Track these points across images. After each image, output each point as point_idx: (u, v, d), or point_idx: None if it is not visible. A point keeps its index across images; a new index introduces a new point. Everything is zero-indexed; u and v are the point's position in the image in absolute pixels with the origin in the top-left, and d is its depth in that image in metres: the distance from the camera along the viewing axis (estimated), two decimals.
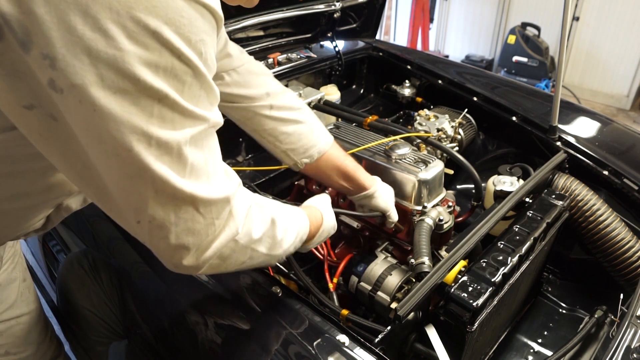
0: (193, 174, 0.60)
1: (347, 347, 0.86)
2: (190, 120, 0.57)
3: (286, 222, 0.83)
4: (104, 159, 0.56)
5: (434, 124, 1.67)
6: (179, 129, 0.56)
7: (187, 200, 0.60)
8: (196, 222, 0.62)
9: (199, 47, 0.55)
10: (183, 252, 0.64)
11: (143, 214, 0.60)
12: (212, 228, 0.65)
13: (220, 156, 0.67)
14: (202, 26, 0.56)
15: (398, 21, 6.01)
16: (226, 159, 1.71)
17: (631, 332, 0.95)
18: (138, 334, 1.19)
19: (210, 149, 0.63)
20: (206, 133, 0.61)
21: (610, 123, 1.68)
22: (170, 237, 0.62)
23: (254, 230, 0.73)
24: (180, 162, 0.58)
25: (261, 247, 0.76)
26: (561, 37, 1.39)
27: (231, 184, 0.68)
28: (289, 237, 0.84)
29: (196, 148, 0.59)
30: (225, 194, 0.65)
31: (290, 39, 2.00)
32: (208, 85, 0.59)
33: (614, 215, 1.34)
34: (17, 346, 1.05)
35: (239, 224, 0.69)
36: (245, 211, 0.71)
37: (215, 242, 0.66)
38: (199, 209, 0.62)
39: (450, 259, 1.03)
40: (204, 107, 0.59)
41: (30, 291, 1.09)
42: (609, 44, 4.62)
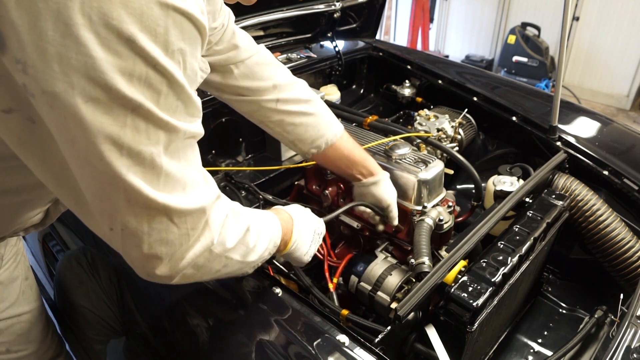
0: (168, 184, 0.59)
1: (347, 347, 0.86)
2: (165, 131, 0.56)
3: (258, 228, 0.82)
4: (78, 164, 0.56)
5: (434, 124, 1.67)
6: (153, 140, 0.55)
7: (160, 211, 0.59)
8: (170, 232, 0.62)
9: (176, 57, 0.54)
10: (156, 261, 0.63)
11: (116, 222, 0.59)
12: (187, 238, 0.64)
13: (200, 165, 0.66)
14: (181, 35, 0.54)
15: (398, 21, 6.02)
16: (226, 159, 1.72)
17: (631, 332, 0.94)
18: (137, 332, 1.19)
19: (188, 160, 0.62)
20: (184, 144, 0.60)
21: (610, 123, 1.68)
22: (143, 246, 0.61)
23: (229, 239, 0.72)
24: (153, 172, 0.57)
25: (235, 255, 0.75)
26: (561, 37, 1.39)
27: (209, 193, 0.67)
28: (262, 243, 0.83)
29: (172, 159, 0.58)
30: (201, 205, 0.64)
31: (290, 39, 2.00)
32: (186, 96, 0.57)
33: (614, 215, 1.34)
34: (18, 344, 1.05)
35: (215, 234, 0.68)
36: (222, 221, 0.70)
37: (190, 252, 0.65)
38: (173, 220, 0.61)
39: (450, 259, 1.03)
40: (181, 118, 0.58)
41: (32, 290, 1.09)
42: (609, 44, 4.63)
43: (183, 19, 0.53)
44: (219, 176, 1.57)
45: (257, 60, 1.10)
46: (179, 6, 0.53)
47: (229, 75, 1.07)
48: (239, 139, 1.75)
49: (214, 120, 1.61)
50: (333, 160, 1.20)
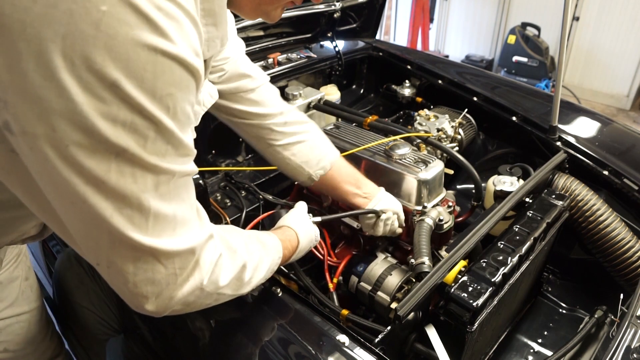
0: (157, 226, 0.57)
1: (347, 347, 0.86)
2: (153, 174, 0.55)
3: (256, 262, 0.81)
4: (60, 204, 0.55)
5: (434, 124, 1.67)
6: (140, 183, 0.54)
7: (147, 252, 0.58)
8: (157, 272, 0.60)
9: (165, 102, 0.52)
10: (142, 299, 0.62)
11: (101, 259, 0.58)
12: (174, 278, 0.62)
13: (193, 202, 0.65)
14: (171, 80, 0.52)
15: (398, 21, 6.02)
16: (226, 159, 1.72)
17: (631, 332, 0.94)
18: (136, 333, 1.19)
19: (181, 199, 0.60)
20: (176, 184, 0.59)
21: (610, 123, 1.68)
22: (128, 285, 0.60)
23: (222, 278, 0.71)
24: (141, 215, 0.55)
25: (228, 290, 0.74)
26: (561, 37, 1.39)
27: (200, 233, 0.65)
28: (259, 274, 0.82)
29: (162, 200, 0.57)
30: (191, 245, 0.62)
31: (290, 39, 2.00)
32: (177, 140, 0.56)
33: (614, 215, 1.34)
34: (17, 344, 1.05)
35: (205, 275, 0.66)
36: (215, 260, 0.69)
37: (178, 291, 0.64)
38: (161, 260, 0.60)
39: (450, 259, 1.03)
40: (172, 160, 0.56)
41: (32, 290, 1.09)
42: (609, 43, 4.63)
43: (173, 64, 0.52)
44: (219, 176, 1.57)
45: (267, 88, 1.13)
46: (169, 51, 0.51)
47: (239, 102, 1.09)
48: (239, 139, 1.74)
49: (214, 121, 1.61)
50: (339, 181, 1.20)
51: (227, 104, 1.09)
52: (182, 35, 0.52)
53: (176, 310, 0.67)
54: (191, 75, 0.55)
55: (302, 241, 1.02)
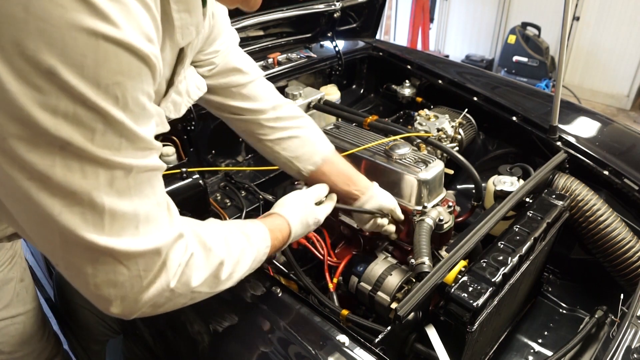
0: (115, 225, 0.53)
1: (347, 347, 0.86)
2: (105, 169, 0.51)
3: (237, 256, 0.77)
4: (7, 200, 0.52)
5: (434, 124, 1.67)
6: (90, 179, 0.50)
7: (104, 253, 0.54)
8: (118, 274, 0.56)
9: (112, 92, 0.48)
10: (105, 302, 0.58)
11: (58, 259, 0.55)
12: (139, 280, 0.58)
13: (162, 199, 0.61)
14: (117, 67, 0.48)
15: (398, 21, 6.01)
16: (226, 159, 1.72)
17: (631, 333, 0.94)
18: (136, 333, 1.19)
19: (143, 196, 0.56)
20: (138, 180, 0.55)
21: (610, 123, 1.68)
22: (89, 287, 0.56)
23: (194, 278, 0.67)
24: (94, 212, 0.51)
25: (203, 289, 0.71)
26: (561, 37, 1.39)
27: (169, 232, 0.61)
28: (241, 269, 0.79)
29: (120, 197, 0.53)
30: (156, 246, 0.58)
31: (290, 39, 2.00)
32: (131, 133, 0.52)
33: (614, 215, 1.34)
34: (12, 345, 1.04)
35: (172, 277, 0.63)
36: (185, 261, 0.65)
37: (144, 294, 0.60)
38: (122, 262, 0.56)
39: (450, 259, 1.03)
40: (128, 154, 0.52)
41: (28, 291, 1.08)
42: (609, 43, 4.62)
43: (119, 50, 0.47)
44: (219, 176, 1.57)
45: (259, 83, 1.10)
46: (112, 35, 0.46)
47: (230, 97, 1.06)
48: (239, 139, 1.74)
49: (214, 120, 1.61)
50: (329, 177, 1.17)
51: (217, 98, 1.06)
52: (127, 19, 0.48)
53: (146, 312, 0.63)
54: (142, 63, 0.50)
55: (295, 228, 0.97)
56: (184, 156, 1.52)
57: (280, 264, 1.27)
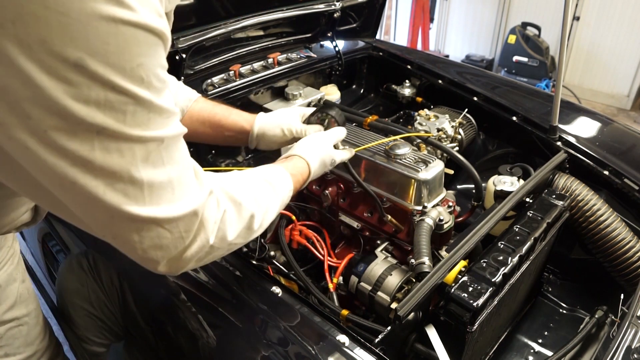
0: (154, 195, 0.57)
1: (347, 347, 0.86)
2: (140, 144, 0.54)
3: (265, 207, 0.82)
4: (53, 188, 0.54)
5: (434, 124, 1.67)
6: (127, 157, 0.53)
7: (148, 221, 0.58)
8: (163, 237, 0.61)
9: (137, 74, 0.50)
10: (154, 263, 0.63)
11: (105, 233, 0.60)
12: (182, 241, 0.63)
13: (188, 160, 0.64)
14: (137, 49, 0.50)
15: (398, 21, 6.01)
16: (226, 158, 1.72)
17: (632, 333, 0.94)
18: (138, 335, 1.19)
19: (175, 161, 0.60)
20: (167, 149, 0.58)
21: (610, 123, 1.68)
22: (137, 252, 0.61)
23: (229, 232, 0.72)
24: (134, 187, 0.55)
25: (239, 240, 0.76)
26: (561, 37, 1.39)
27: (200, 193, 0.65)
28: (269, 217, 0.84)
29: (155, 167, 0.56)
30: (193, 208, 0.63)
31: (290, 39, 2.00)
32: (157, 107, 0.54)
33: (615, 215, 1.34)
34: (16, 347, 1.04)
35: (211, 234, 0.67)
36: (219, 217, 0.69)
37: (187, 252, 0.65)
38: (164, 226, 0.60)
39: (450, 259, 1.03)
40: (157, 126, 0.55)
41: (29, 292, 1.08)
42: (609, 43, 4.62)
43: (137, 31, 0.49)
44: None
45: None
46: (130, 19, 0.48)
47: None
48: None
49: None
50: (196, 129, 1.14)
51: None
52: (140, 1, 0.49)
53: (191, 266, 0.69)
54: (158, 39, 0.52)
55: (314, 169, 1.03)
56: None
57: (280, 264, 1.27)
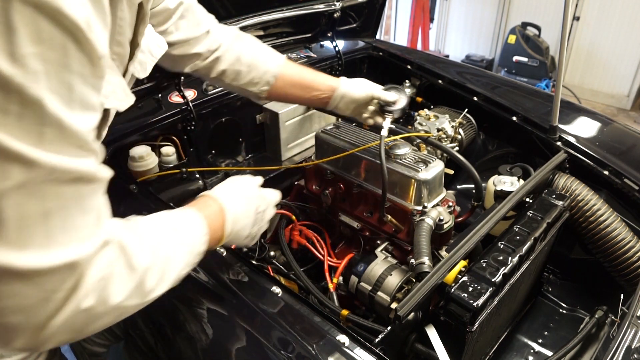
0: (22, 234, 0.44)
1: (347, 347, 0.86)
2: (19, 165, 0.41)
3: (164, 259, 0.66)
4: None
5: (434, 124, 1.67)
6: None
7: (6, 269, 0.44)
8: (24, 297, 0.46)
9: (29, 65, 0.40)
10: (8, 333, 0.48)
11: None
12: (50, 304, 0.48)
13: (92, 206, 0.51)
14: (35, 36, 0.40)
15: (398, 21, 6.01)
16: (226, 159, 1.72)
17: (632, 333, 0.94)
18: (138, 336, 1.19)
19: (63, 202, 0.46)
20: (59, 188, 0.45)
21: (610, 123, 1.68)
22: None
23: (115, 293, 0.56)
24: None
25: (131, 302, 0.60)
26: (561, 37, 1.39)
27: (90, 242, 0.51)
28: (172, 272, 0.68)
29: (29, 199, 0.43)
30: (71, 259, 0.48)
31: (290, 38, 2.00)
32: (55, 120, 0.42)
33: (615, 215, 1.34)
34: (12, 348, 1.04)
35: (83, 296, 0.51)
36: (104, 274, 0.54)
37: (56, 318, 0.50)
38: (27, 281, 0.46)
39: (450, 259, 1.03)
40: (52, 149, 0.43)
41: None
42: (609, 43, 4.62)
43: (37, 14, 0.39)
44: (219, 176, 1.57)
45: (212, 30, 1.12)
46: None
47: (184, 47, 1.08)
48: (239, 139, 1.75)
49: (214, 120, 1.61)
50: (287, 91, 1.20)
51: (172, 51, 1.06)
52: None
53: (64, 340, 0.53)
54: (68, 33, 0.42)
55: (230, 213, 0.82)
56: (184, 156, 1.52)
57: (280, 264, 1.27)
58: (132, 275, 0.59)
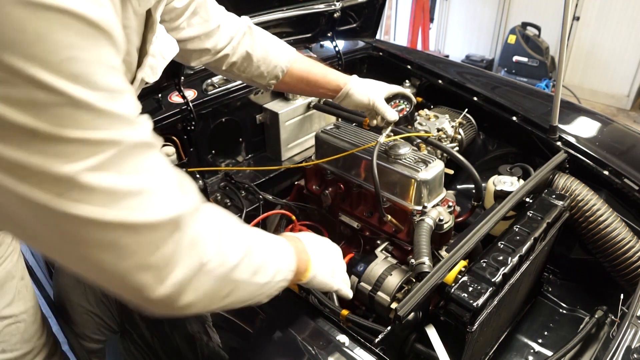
0: (117, 201, 0.49)
1: (347, 347, 0.86)
2: (88, 148, 0.46)
3: (263, 246, 0.72)
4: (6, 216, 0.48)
5: (434, 124, 1.67)
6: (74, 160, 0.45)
7: (119, 228, 0.49)
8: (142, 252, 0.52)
9: (66, 69, 0.42)
10: (144, 290, 0.54)
11: (72, 260, 0.51)
12: (166, 259, 0.54)
13: (167, 173, 0.55)
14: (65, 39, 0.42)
15: (398, 21, 6.01)
16: (226, 159, 1.72)
17: (631, 333, 0.94)
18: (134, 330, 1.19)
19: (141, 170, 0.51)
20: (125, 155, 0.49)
21: (610, 123, 1.68)
22: (119, 278, 0.52)
23: (230, 256, 0.62)
24: (92, 193, 0.47)
25: (242, 274, 0.65)
26: (561, 37, 1.39)
27: (183, 203, 0.56)
28: (272, 263, 0.73)
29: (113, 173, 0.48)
30: (173, 214, 0.54)
31: (290, 38, 2.00)
32: (102, 110, 0.46)
33: (615, 215, 1.34)
34: (13, 344, 1.04)
35: (204, 251, 0.58)
36: (214, 235, 0.60)
37: (176, 272, 0.55)
38: (138, 233, 0.51)
39: (450, 259, 1.03)
40: (108, 130, 0.47)
41: (27, 290, 1.09)
42: (609, 43, 4.63)
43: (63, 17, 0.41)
44: (219, 176, 1.57)
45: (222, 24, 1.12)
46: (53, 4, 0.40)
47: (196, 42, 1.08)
48: (239, 139, 1.75)
49: (214, 120, 1.61)
50: (294, 85, 1.24)
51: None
52: None
53: (189, 301, 0.58)
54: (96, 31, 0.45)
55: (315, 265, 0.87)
56: (184, 156, 1.52)
57: None
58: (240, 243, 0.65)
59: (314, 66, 1.25)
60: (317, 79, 1.23)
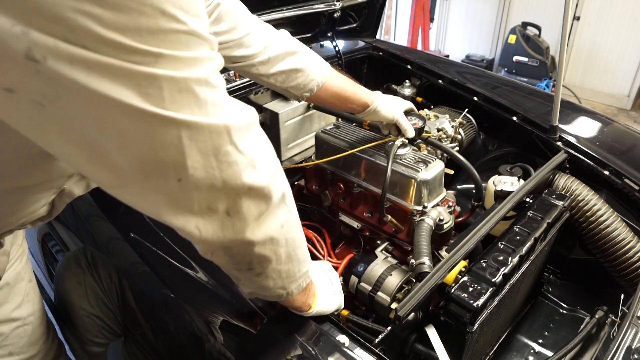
0: (217, 106, 0.56)
1: (347, 347, 0.86)
2: (198, 65, 0.53)
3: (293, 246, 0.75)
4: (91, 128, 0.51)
5: (434, 124, 1.67)
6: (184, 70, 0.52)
7: (222, 131, 0.56)
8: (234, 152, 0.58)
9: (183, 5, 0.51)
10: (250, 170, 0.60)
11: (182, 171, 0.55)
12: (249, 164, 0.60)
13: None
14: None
15: (398, 21, 6.02)
16: None
17: (632, 333, 0.94)
18: (137, 333, 1.19)
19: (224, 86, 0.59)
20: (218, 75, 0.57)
21: (611, 123, 1.68)
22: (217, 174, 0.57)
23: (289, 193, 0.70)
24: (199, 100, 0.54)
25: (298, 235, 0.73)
26: (562, 37, 1.39)
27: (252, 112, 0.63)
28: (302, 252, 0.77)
29: (211, 88, 0.56)
30: (253, 119, 0.62)
31: None
32: (206, 37, 0.55)
33: (615, 216, 1.34)
34: (20, 347, 1.04)
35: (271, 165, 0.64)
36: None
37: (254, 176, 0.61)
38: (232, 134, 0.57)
39: (450, 259, 1.03)
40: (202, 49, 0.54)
41: (35, 292, 1.08)
42: (609, 43, 4.62)
43: None
44: None
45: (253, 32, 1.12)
46: None
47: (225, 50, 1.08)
48: None
49: None
50: (326, 99, 1.28)
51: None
52: None
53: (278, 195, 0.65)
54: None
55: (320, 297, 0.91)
56: None
57: None
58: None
59: (346, 83, 1.28)
60: (348, 95, 1.27)
